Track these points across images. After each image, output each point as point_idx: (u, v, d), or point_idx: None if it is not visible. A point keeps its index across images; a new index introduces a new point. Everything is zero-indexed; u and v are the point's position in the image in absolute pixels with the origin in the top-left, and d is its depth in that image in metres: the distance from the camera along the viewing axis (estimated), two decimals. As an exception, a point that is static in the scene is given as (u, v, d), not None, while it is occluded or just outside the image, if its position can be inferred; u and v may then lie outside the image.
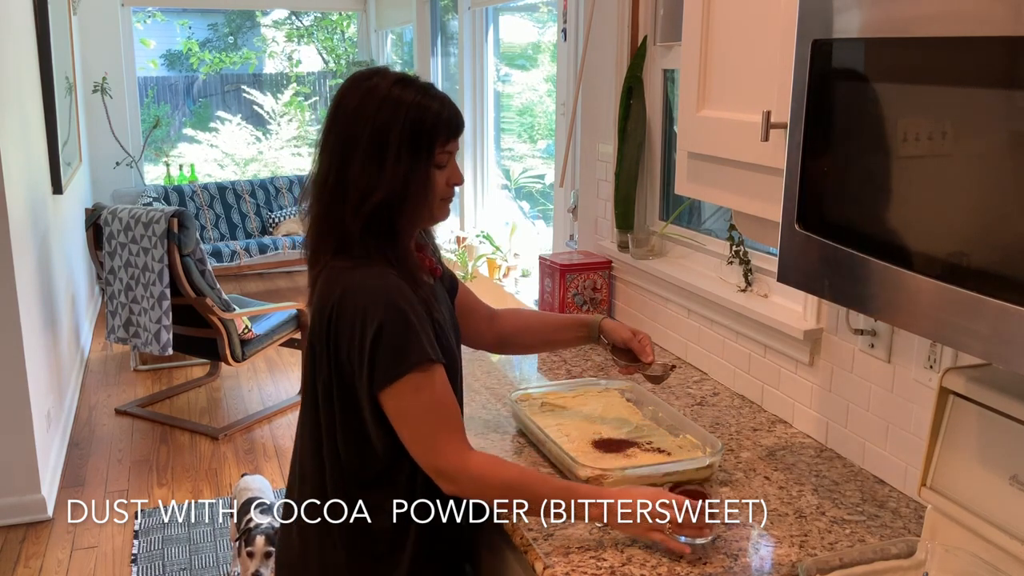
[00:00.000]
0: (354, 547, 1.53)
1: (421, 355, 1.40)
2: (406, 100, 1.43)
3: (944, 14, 0.96)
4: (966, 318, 0.96)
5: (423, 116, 1.43)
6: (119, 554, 3.27)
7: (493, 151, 5.85)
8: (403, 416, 1.42)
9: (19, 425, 3.40)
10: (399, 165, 1.42)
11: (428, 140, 1.44)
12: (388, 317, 1.39)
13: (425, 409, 1.41)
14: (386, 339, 1.38)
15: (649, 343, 1.77)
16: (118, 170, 6.83)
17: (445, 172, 1.49)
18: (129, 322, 4.20)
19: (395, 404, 1.41)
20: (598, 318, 1.82)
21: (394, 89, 1.44)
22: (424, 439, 1.42)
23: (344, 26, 9.92)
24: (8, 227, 3.27)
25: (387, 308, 1.39)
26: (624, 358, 1.79)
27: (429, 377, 1.41)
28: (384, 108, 1.42)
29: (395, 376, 1.39)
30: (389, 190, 1.42)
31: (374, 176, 1.42)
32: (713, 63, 1.59)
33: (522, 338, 1.87)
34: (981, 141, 0.96)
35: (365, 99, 1.44)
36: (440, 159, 1.46)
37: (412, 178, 1.43)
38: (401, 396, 1.40)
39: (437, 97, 1.46)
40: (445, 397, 1.43)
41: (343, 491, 1.51)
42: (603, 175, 2.77)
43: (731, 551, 1.44)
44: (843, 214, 1.18)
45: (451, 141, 1.47)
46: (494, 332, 1.85)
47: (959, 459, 1.29)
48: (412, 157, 1.43)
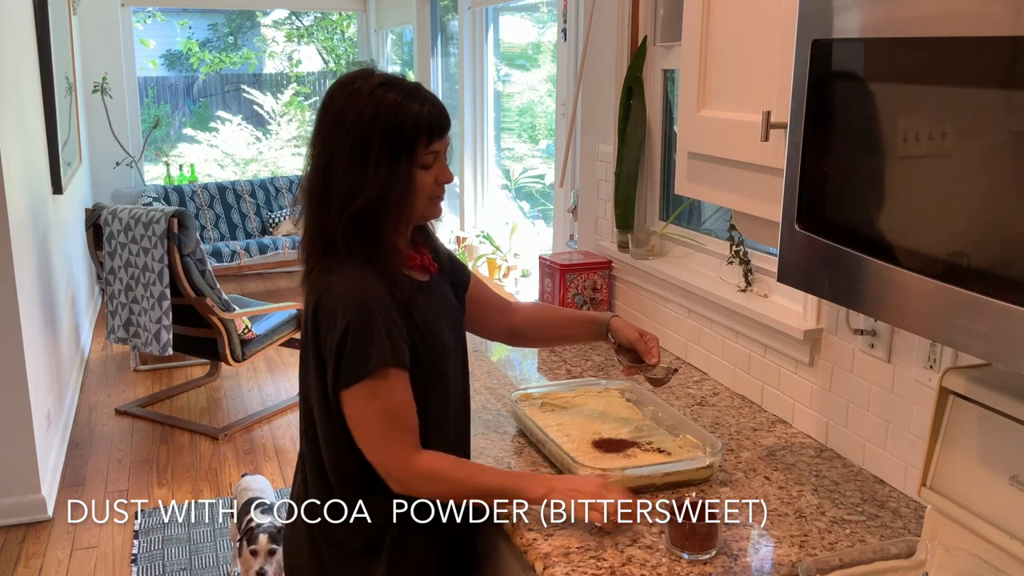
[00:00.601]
0: (341, 545, 1.55)
1: (381, 359, 1.42)
2: (387, 102, 1.44)
3: (944, 14, 0.96)
4: (966, 318, 0.96)
5: (403, 118, 1.43)
6: (119, 554, 3.27)
7: (493, 151, 5.84)
8: (356, 419, 1.46)
9: (19, 425, 3.40)
10: (380, 168, 1.43)
11: (409, 142, 1.44)
12: (354, 318, 1.42)
13: (376, 414, 1.44)
14: (351, 340, 1.42)
15: (656, 345, 1.76)
16: (118, 170, 6.83)
17: (432, 171, 1.49)
18: (129, 322, 4.20)
19: (351, 407, 1.45)
20: (607, 316, 1.82)
21: (377, 91, 1.45)
22: (373, 441, 1.46)
23: (344, 26, 9.92)
24: (8, 227, 3.27)
25: (355, 309, 1.42)
26: (628, 358, 1.78)
27: (386, 383, 1.44)
28: (366, 110, 1.43)
29: (354, 379, 1.43)
30: (371, 194, 1.43)
31: (356, 180, 1.43)
32: (713, 63, 1.59)
33: (533, 332, 1.88)
34: (981, 141, 0.96)
35: (348, 102, 1.45)
36: (424, 160, 1.47)
37: (394, 181, 1.44)
38: (357, 400, 1.44)
39: (419, 97, 1.46)
40: (399, 403, 1.46)
41: (325, 489, 1.54)
42: (603, 175, 2.77)
43: (731, 551, 1.44)
44: (843, 214, 1.18)
45: (435, 141, 1.47)
46: (507, 324, 1.85)
47: (959, 459, 1.29)
48: (393, 159, 1.44)
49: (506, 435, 1.87)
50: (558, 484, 1.48)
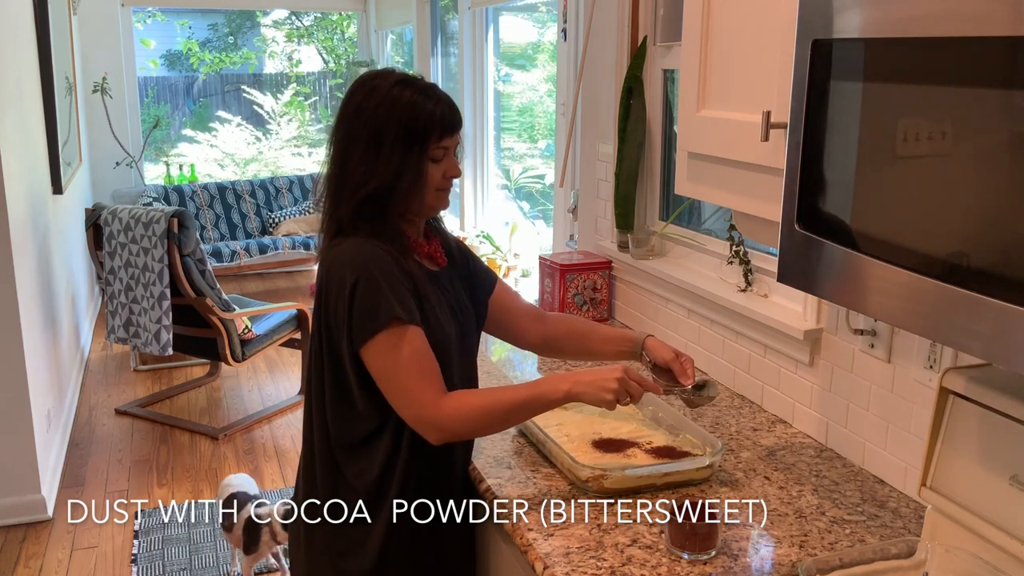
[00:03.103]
0: (335, 520, 1.58)
1: (391, 313, 1.47)
2: (403, 99, 1.52)
3: (944, 14, 0.96)
4: (966, 318, 0.96)
5: (418, 114, 1.51)
6: (119, 554, 3.27)
7: (493, 151, 5.85)
8: (382, 371, 1.49)
9: (19, 425, 3.40)
10: (393, 158, 1.51)
11: (422, 136, 1.52)
12: (361, 276, 1.48)
13: (398, 363, 1.48)
14: (359, 298, 1.47)
15: (691, 366, 1.73)
16: (118, 170, 6.83)
17: (442, 165, 1.57)
18: (129, 322, 4.20)
19: (374, 360, 1.49)
20: (643, 335, 1.79)
21: (394, 89, 1.53)
22: (401, 391, 1.49)
23: (344, 26, 9.92)
24: (8, 227, 3.27)
25: (361, 270, 1.48)
26: (664, 378, 1.74)
27: (402, 335, 1.48)
28: (383, 106, 1.52)
29: (371, 332, 1.47)
30: (382, 180, 1.51)
31: (370, 167, 1.51)
32: (713, 63, 1.59)
33: (568, 343, 1.86)
34: (981, 141, 0.96)
35: (367, 98, 1.54)
36: (435, 154, 1.55)
37: (405, 171, 1.52)
38: (379, 352, 1.48)
39: (434, 97, 1.54)
40: (419, 352, 1.49)
41: (330, 457, 1.58)
42: (603, 175, 2.77)
43: (731, 551, 1.44)
44: (843, 214, 1.18)
45: (446, 138, 1.55)
46: (541, 333, 1.84)
47: (959, 459, 1.29)
48: (406, 151, 1.51)
49: (506, 435, 1.87)
50: (581, 377, 1.53)
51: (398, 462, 1.56)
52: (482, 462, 1.74)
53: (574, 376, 1.53)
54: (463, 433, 1.54)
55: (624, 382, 1.52)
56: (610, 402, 1.52)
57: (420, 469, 1.58)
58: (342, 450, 1.57)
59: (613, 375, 1.52)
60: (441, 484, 1.62)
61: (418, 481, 1.58)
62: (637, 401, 1.55)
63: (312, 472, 1.61)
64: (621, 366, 1.55)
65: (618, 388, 1.51)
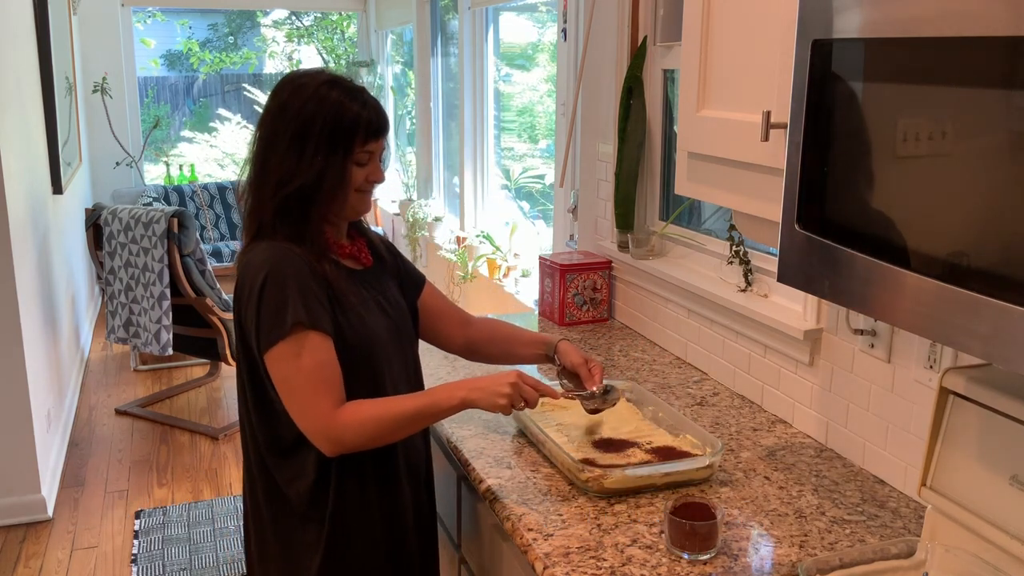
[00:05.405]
0: (277, 523, 1.58)
1: (296, 319, 1.45)
2: (330, 99, 1.51)
3: (944, 14, 0.96)
4: (966, 318, 0.96)
5: (344, 115, 1.50)
6: (119, 554, 3.27)
7: (493, 151, 5.84)
8: (280, 379, 1.48)
9: (19, 425, 3.40)
10: (317, 157, 1.49)
11: (347, 138, 1.51)
12: (269, 279, 1.47)
13: (298, 372, 1.46)
14: (265, 302, 1.46)
15: (599, 371, 1.76)
16: (118, 170, 6.82)
17: (365, 170, 1.55)
18: (129, 322, 4.20)
19: (275, 368, 1.48)
20: (556, 338, 1.84)
21: (321, 88, 1.52)
22: (296, 401, 1.48)
23: (344, 26, 9.92)
24: (8, 227, 3.27)
25: (268, 272, 1.47)
26: (573, 382, 1.79)
27: (305, 343, 1.46)
28: (309, 104, 1.50)
29: (274, 339, 1.46)
30: (304, 180, 1.50)
31: (292, 166, 1.50)
32: (713, 63, 1.59)
33: (488, 348, 1.88)
34: (981, 141, 0.96)
35: (293, 96, 1.52)
36: (360, 157, 1.54)
37: (328, 171, 1.51)
38: (279, 360, 1.47)
39: (361, 100, 1.53)
40: (321, 363, 1.47)
41: (262, 463, 1.57)
42: (603, 175, 2.77)
43: (731, 551, 1.44)
44: (843, 214, 1.18)
45: (371, 141, 1.54)
46: (465, 338, 1.86)
47: (959, 459, 1.29)
48: (330, 152, 1.50)
49: (506, 435, 1.87)
50: (475, 384, 1.53)
51: (331, 470, 1.54)
52: (482, 462, 1.74)
53: (469, 383, 1.53)
54: (357, 444, 1.50)
55: (518, 387, 1.52)
56: (504, 407, 1.52)
57: (362, 473, 1.56)
58: (272, 455, 1.56)
59: (506, 380, 1.52)
60: (390, 489, 1.61)
61: (360, 488, 1.56)
62: (533, 406, 1.56)
63: (251, 478, 1.60)
64: (516, 372, 1.55)
65: (511, 393, 1.52)
